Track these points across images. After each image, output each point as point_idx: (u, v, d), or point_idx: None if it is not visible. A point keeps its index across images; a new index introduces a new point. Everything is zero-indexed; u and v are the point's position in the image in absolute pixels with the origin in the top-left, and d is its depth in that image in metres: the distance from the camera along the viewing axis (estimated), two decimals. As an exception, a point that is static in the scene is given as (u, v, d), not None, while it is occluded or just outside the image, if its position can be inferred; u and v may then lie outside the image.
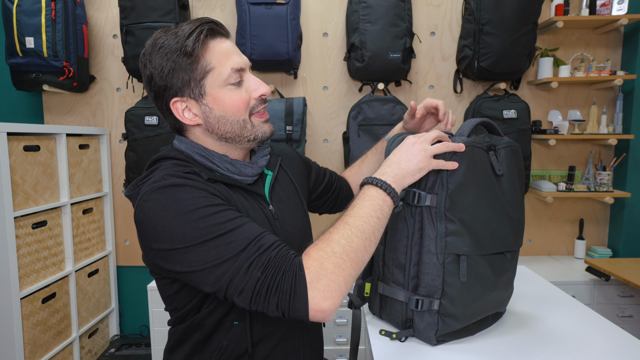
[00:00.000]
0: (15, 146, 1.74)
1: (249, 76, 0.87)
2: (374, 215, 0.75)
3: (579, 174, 2.39)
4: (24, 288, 1.78)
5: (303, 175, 1.09)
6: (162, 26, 2.06)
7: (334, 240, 0.71)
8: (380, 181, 0.79)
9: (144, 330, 2.52)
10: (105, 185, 2.39)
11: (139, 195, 0.78)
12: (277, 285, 0.68)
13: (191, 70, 0.81)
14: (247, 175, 0.88)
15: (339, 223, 0.75)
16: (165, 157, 0.86)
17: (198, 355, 0.87)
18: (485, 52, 2.07)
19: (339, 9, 2.32)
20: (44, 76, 2.10)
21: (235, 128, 0.85)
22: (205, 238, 0.71)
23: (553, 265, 2.30)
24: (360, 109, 2.20)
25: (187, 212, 0.72)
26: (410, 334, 0.87)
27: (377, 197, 0.77)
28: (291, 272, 0.69)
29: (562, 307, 1.03)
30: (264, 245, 0.71)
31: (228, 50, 0.84)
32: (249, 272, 0.69)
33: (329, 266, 0.69)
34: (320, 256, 0.70)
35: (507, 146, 0.88)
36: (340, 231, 0.73)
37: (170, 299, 0.87)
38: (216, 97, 0.83)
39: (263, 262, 0.69)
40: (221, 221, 0.72)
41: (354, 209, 0.76)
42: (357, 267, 0.72)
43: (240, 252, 0.70)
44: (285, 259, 0.70)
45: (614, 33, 2.33)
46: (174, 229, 0.72)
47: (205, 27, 0.81)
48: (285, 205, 0.95)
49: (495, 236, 0.85)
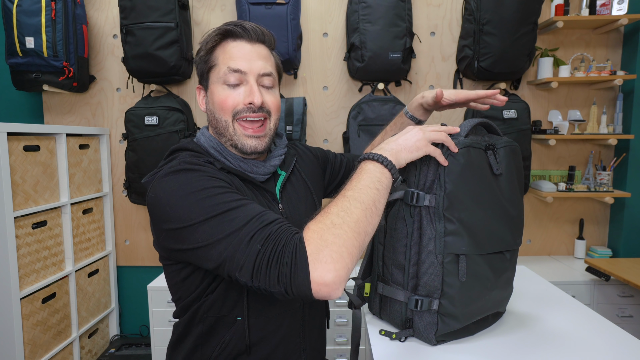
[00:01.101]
0: (15, 146, 1.74)
1: (252, 84, 0.88)
2: (372, 186, 0.75)
3: (579, 174, 2.39)
4: (24, 288, 1.78)
5: (317, 174, 1.11)
6: (162, 26, 2.07)
7: (333, 213, 0.71)
8: (376, 155, 0.79)
9: (144, 330, 2.52)
10: (105, 185, 2.39)
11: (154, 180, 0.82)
12: (277, 257, 0.67)
13: (205, 62, 0.91)
14: (259, 173, 0.92)
15: (338, 197, 0.74)
16: (184, 148, 0.90)
17: (201, 349, 0.88)
18: (485, 52, 2.07)
19: (339, 9, 2.32)
20: (44, 76, 2.10)
21: (221, 126, 0.90)
22: (210, 215, 0.72)
23: (553, 265, 2.30)
24: (360, 109, 2.20)
25: (194, 192, 0.75)
26: (410, 334, 0.87)
27: (375, 170, 0.77)
28: (291, 245, 0.68)
29: (562, 307, 1.03)
30: (266, 221, 0.71)
31: (239, 52, 0.88)
32: (249, 246, 0.69)
33: (329, 237, 0.67)
34: (320, 228, 0.69)
35: (506, 146, 0.88)
36: (339, 204, 0.72)
37: (176, 287, 0.89)
38: (212, 92, 0.91)
39: (264, 235, 0.69)
40: (226, 200, 0.74)
41: (352, 182, 0.76)
42: (359, 238, 0.70)
43: (242, 227, 0.71)
44: (285, 233, 0.70)
45: (614, 33, 2.33)
46: (181, 208, 0.74)
47: (226, 28, 0.89)
48: (296, 205, 0.97)
49: (494, 236, 0.85)
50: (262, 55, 0.90)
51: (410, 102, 1.12)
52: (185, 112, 2.20)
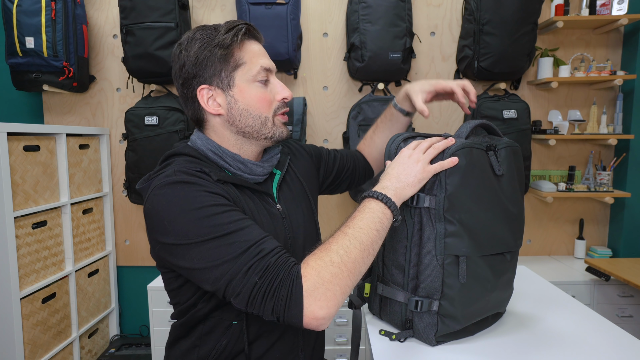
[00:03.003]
0: (15, 146, 1.74)
1: (275, 79, 0.91)
2: (373, 227, 0.76)
3: (579, 174, 2.39)
4: (24, 288, 1.78)
5: (311, 173, 1.11)
6: (162, 26, 2.07)
7: (333, 250, 0.72)
8: (381, 194, 0.79)
9: (144, 330, 2.52)
10: (105, 185, 2.39)
11: (150, 189, 0.80)
12: (273, 291, 0.69)
13: (225, 61, 0.85)
14: (257, 174, 0.91)
15: (339, 234, 0.75)
16: (179, 153, 0.88)
17: (198, 351, 0.88)
18: (485, 52, 2.07)
19: (339, 9, 2.32)
20: (44, 76, 2.10)
21: (256, 123, 0.88)
22: (208, 237, 0.72)
23: (553, 265, 2.30)
24: (360, 109, 2.20)
25: (192, 210, 0.74)
26: (410, 335, 0.87)
27: (377, 209, 0.78)
28: (289, 279, 0.69)
29: (562, 307, 1.03)
30: (265, 250, 0.71)
31: (260, 51, 0.90)
32: (247, 276, 0.70)
33: (326, 275, 0.69)
34: (319, 265, 0.70)
35: (507, 146, 0.88)
36: (340, 241, 0.73)
37: (173, 293, 0.89)
38: (243, 90, 0.87)
39: (262, 267, 0.70)
40: (224, 222, 0.73)
41: (354, 220, 0.77)
42: (354, 278, 0.72)
43: (240, 255, 0.70)
44: (284, 266, 0.70)
45: (614, 33, 2.33)
46: (179, 224, 0.74)
47: (244, 26, 0.87)
48: (292, 204, 0.97)
49: (494, 237, 0.85)
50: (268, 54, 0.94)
51: (398, 93, 1.14)
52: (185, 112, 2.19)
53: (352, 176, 1.22)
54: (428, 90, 1.07)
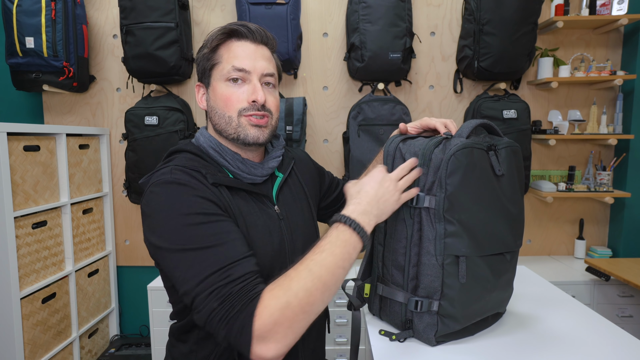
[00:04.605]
0: (15, 146, 1.74)
1: (255, 83, 0.89)
2: (341, 265, 0.74)
3: (579, 174, 2.39)
4: (24, 288, 1.78)
5: (315, 182, 1.11)
6: (162, 26, 2.07)
7: (293, 290, 0.69)
8: (359, 226, 0.77)
9: (144, 330, 2.52)
10: (105, 185, 2.39)
11: (147, 185, 0.82)
12: (228, 320, 0.69)
13: (207, 60, 0.92)
14: (256, 175, 0.91)
15: (304, 268, 0.72)
16: (182, 150, 0.90)
17: (195, 356, 0.88)
18: (485, 52, 2.07)
19: (339, 9, 2.32)
20: (44, 76, 2.10)
21: (222, 122, 0.90)
22: (186, 246, 0.73)
23: (553, 265, 2.30)
24: (360, 109, 2.20)
25: (179, 215, 0.75)
26: (410, 335, 0.87)
27: (350, 242, 0.76)
28: (243, 314, 0.68)
29: (562, 307, 1.03)
30: (231, 276, 0.71)
31: (244, 52, 0.90)
32: (208, 299, 0.70)
33: (279, 318, 0.68)
34: (275, 305, 0.68)
35: (507, 146, 0.88)
36: (302, 280, 0.70)
37: (170, 291, 0.89)
38: (215, 89, 0.91)
39: (223, 294, 0.70)
40: (206, 233, 0.74)
41: (323, 253, 0.74)
42: (309, 319, 0.71)
43: (208, 276, 0.71)
44: (245, 297, 0.70)
45: (614, 33, 2.33)
46: (164, 226, 0.76)
47: (231, 28, 0.90)
48: (292, 207, 0.97)
49: (494, 237, 0.85)
50: (266, 57, 0.92)
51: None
52: (185, 112, 2.20)
53: None
54: (414, 126, 1.02)
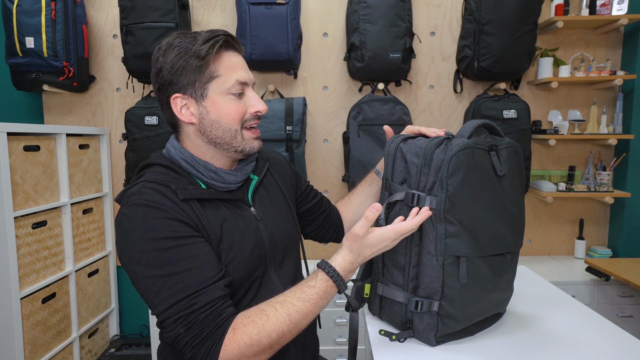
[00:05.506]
0: (15, 146, 1.74)
1: (251, 92, 0.91)
2: (317, 311, 0.79)
3: (579, 174, 2.39)
4: (24, 288, 1.78)
5: (291, 182, 1.11)
6: (162, 26, 2.07)
7: (266, 331, 0.74)
8: (343, 284, 0.81)
9: (144, 330, 2.52)
10: (105, 185, 2.39)
11: (122, 203, 0.84)
12: (194, 345, 0.73)
13: (199, 72, 0.85)
14: (230, 182, 0.92)
15: (285, 312, 0.76)
16: (153, 164, 0.90)
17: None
18: (485, 52, 2.07)
19: (339, 9, 2.31)
20: (44, 76, 2.10)
21: (226, 135, 0.89)
22: (154, 272, 0.76)
23: (553, 265, 2.30)
24: (360, 109, 2.20)
25: (148, 240, 0.77)
26: (410, 335, 0.87)
27: (330, 294, 0.81)
28: (210, 340, 0.73)
29: (562, 307, 1.03)
30: (197, 304, 0.74)
31: (237, 63, 0.89)
32: (175, 324, 0.75)
33: (246, 352, 0.73)
34: (244, 341, 0.73)
35: (508, 147, 0.88)
36: (278, 324, 0.75)
37: None
38: (215, 102, 0.87)
39: (189, 321, 0.74)
40: (174, 258, 0.76)
41: (307, 303, 0.78)
42: (273, 352, 0.77)
43: (175, 303, 0.75)
44: (211, 324, 0.74)
45: (614, 33, 2.33)
46: (132, 248, 0.78)
47: (222, 38, 0.86)
48: (269, 208, 0.97)
49: (495, 237, 0.85)
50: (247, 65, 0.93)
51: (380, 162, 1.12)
52: (185, 112, 2.19)
53: (324, 224, 1.18)
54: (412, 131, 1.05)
